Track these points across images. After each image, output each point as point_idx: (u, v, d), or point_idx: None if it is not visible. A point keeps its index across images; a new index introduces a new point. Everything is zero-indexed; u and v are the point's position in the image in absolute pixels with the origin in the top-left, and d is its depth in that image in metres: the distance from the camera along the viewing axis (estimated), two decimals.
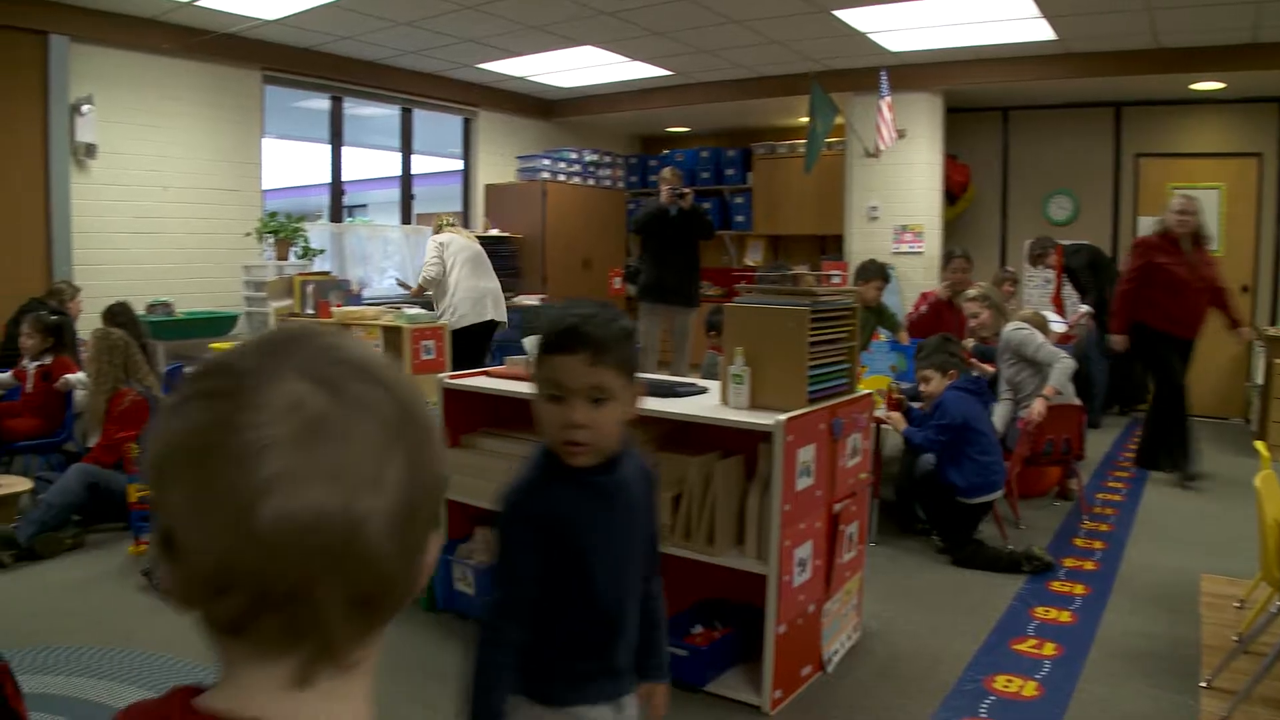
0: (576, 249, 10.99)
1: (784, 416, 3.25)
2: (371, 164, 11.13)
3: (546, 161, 11.03)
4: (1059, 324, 7.46)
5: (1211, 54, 7.95)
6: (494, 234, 10.52)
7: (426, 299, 8.05)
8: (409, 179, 10.57)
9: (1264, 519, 3.39)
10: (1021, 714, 3.37)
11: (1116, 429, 8.61)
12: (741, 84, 9.97)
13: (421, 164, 10.82)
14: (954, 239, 9.59)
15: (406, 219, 10.48)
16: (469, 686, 1.83)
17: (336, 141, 9.66)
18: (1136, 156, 9.74)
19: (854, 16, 7.55)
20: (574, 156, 11.39)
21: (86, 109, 7.36)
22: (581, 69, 9.66)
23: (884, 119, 8.56)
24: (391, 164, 10.58)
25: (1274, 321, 8.95)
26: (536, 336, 1.92)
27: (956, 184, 10.00)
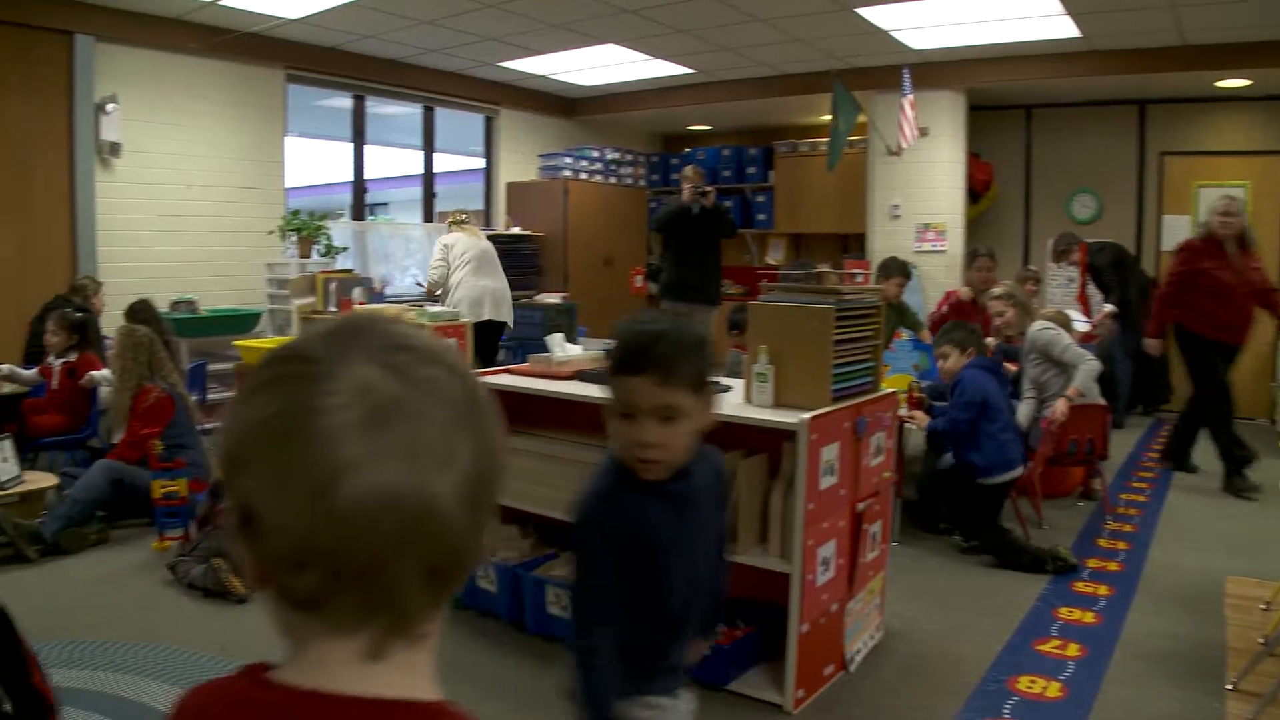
0: (598, 247, 11.00)
1: (808, 415, 3.25)
2: (394, 162, 11.16)
3: (568, 160, 11.04)
4: (1083, 323, 7.41)
5: (1238, 50, 7.88)
6: (515, 232, 10.54)
7: (438, 299, 8.08)
8: (431, 177, 10.60)
9: None
10: (1045, 715, 3.35)
11: (1140, 429, 8.56)
12: (763, 82, 9.96)
13: (443, 162, 10.86)
14: (976, 238, 9.55)
15: (429, 217, 10.51)
16: (582, 703, 1.85)
17: (359, 140, 9.71)
18: (1161, 155, 9.66)
19: (877, 14, 7.53)
20: (596, 155, 11.40)
21: (111, 108, 7.42)
22: (603, 67, 9.67)
23: (906, 117, 8.52)
24: (414, 162, 10.62)
25: None
26: (608, 354, 1.93)
27: (979, 182, 9.95)
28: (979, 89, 9.34)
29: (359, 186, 9.81)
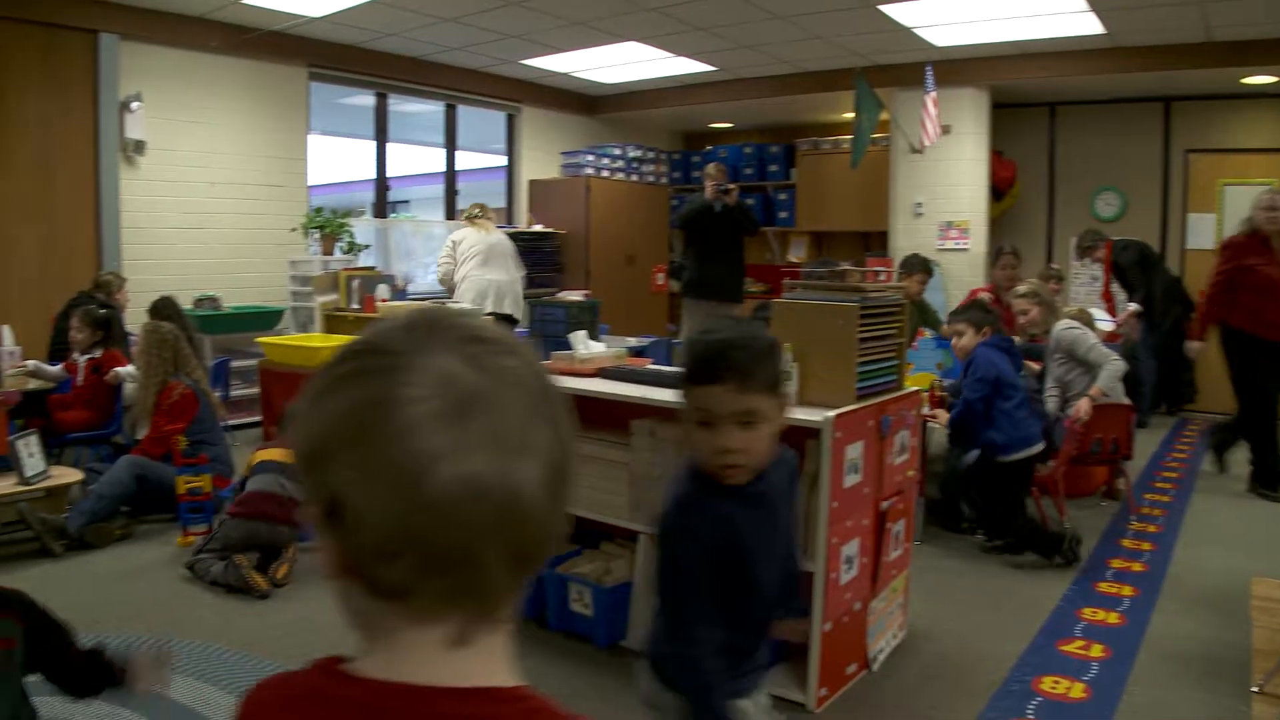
0: (620, 245, 10.99)
1: (832, 413, 3.24)
2: (416, 160, 11.20)
3: (590, 157, 11.04)
4: (1107, 322, 7.36)
5: (1264, 47, 7.81)
6: (537, 230, 10.54)
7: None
8: (453, 175, 10.63)
9: None
10: (1069, 716, 3.33)
11: (1164, 429, 8.51)
12: (785, 79, 9.93)
13: (465, 160, 10.89)
14: (1000, 236, 9.50)
15: (450, 215, 10.53)
16: (695, 699, 1.89)
17: (381, 137, 9.74)
18: (1186, 152, 9.59)
19: (899, 11, 7.51)
20: (617, 152, 11.39)
21: (135, 106, 7.47)
22: (625, 65, 9.67)
23: (929, 114, 8.49)
24: (436, 160, 10.64)
25: None
26: (681, 364, 1.95)
27: (1002, 180, 9.90)
28: (1002, 86, 9.29)
29: (381, 184, 9.85)
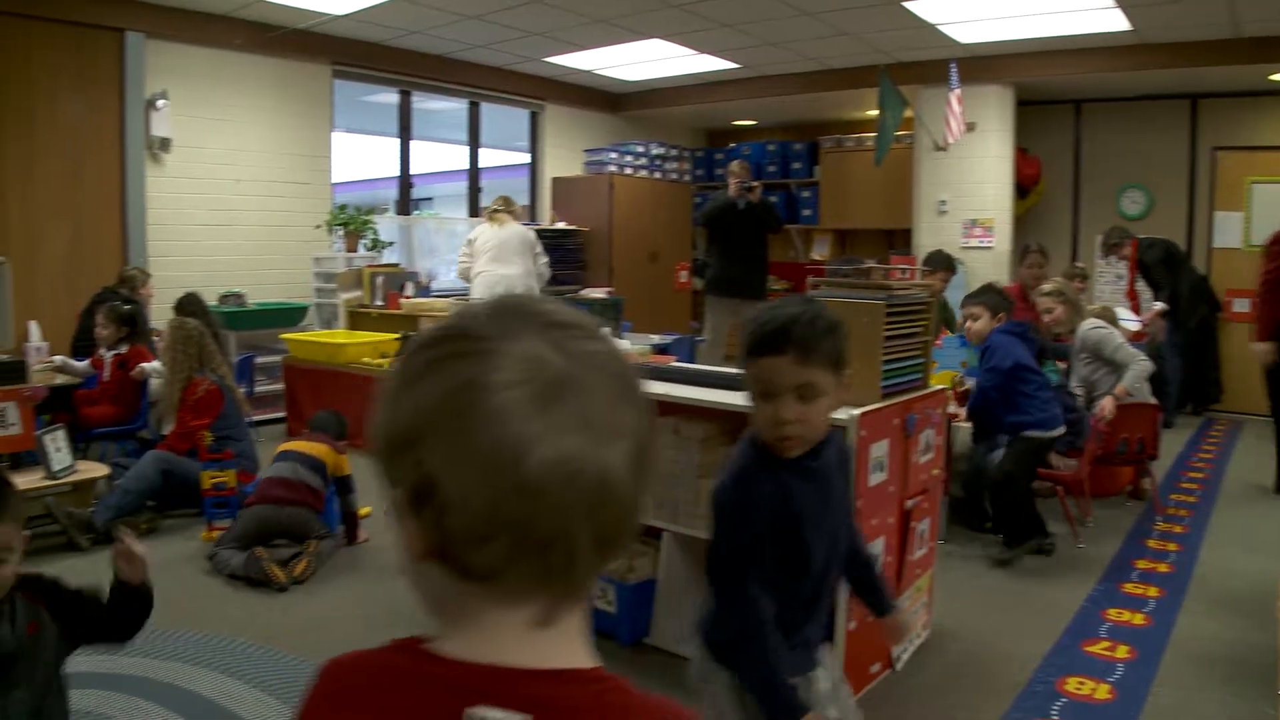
0: (643, 242, 10.99)
1: (858, 411, 3.23)
2: (439, 157, 11.23)
3: (613, 155, 11.05)
4: (1133, 322, 7.29)
5: None
6: (560, 227, 10.55)
7: None
8: (476, 172, 10.65)
9: None
10: (1094, 717, 3.32)
11: (1190, 429, 8.45)
12: (809, 77, 9.90)
13: (489, 157, 10.91)
14: (1024, 234, 9.44)
15: (474, 212, 10.56)
16: (751, 670, 1.94)
17: (405, 135, 9.77)
18: (1213, 150, 9.50)
19: (924, 7, 7.47)
20: (640, 150, 11.40)
21: (161, 104, 7.52)
22: (648, 62, 9.67)
23: (953, 112, 8.45)
24: (459, 158, 10.66)
25: None
26: (745, 338, 1.99)
27: (1027, 178, 9.84)
28: (1027, 83, 9.24)
29: (405, 181, 9.88)
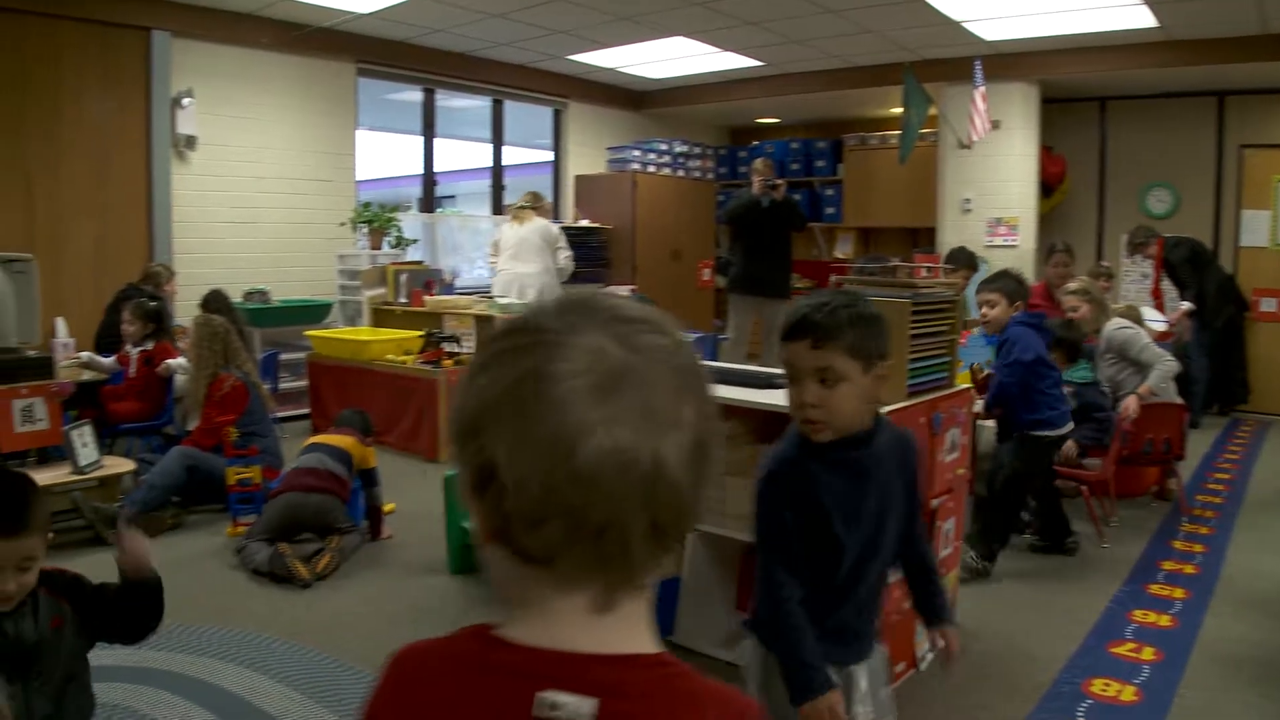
0: (666, 240, 10.98)
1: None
2: (463, 155, 11.25)
3: (636, 153, 11.03)
4: (1159, 322, 7.24)
5: None
6: (584, 225, 10.56)
7: None
8: (500, 170, 10.68)
9: None
10: (1120, 719, 3.30)
11: (1216, 429, 8.39)
12: (833, 74, 9.87)
13: (512, 155, 10.94)
14: (1049, 232, 9.38)
15: (497, 209, 10.58)
16: (772, 645, 2.03)
17: (429, 133, 9.81)
18: (1241, 148, 9.41)
19: (948, 4, 7.44)
20: (664, 148, 11.38)
21: (187, 102, 7.58)
22: (671, 60, 9.66)
23: (978, 109, 8.41)
24: (483, 155, 10.69)
25: None
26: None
27: (1052, 176, 9.79)
28: (1052, 81, 9.19)
29: (429, 179, 9.92)
